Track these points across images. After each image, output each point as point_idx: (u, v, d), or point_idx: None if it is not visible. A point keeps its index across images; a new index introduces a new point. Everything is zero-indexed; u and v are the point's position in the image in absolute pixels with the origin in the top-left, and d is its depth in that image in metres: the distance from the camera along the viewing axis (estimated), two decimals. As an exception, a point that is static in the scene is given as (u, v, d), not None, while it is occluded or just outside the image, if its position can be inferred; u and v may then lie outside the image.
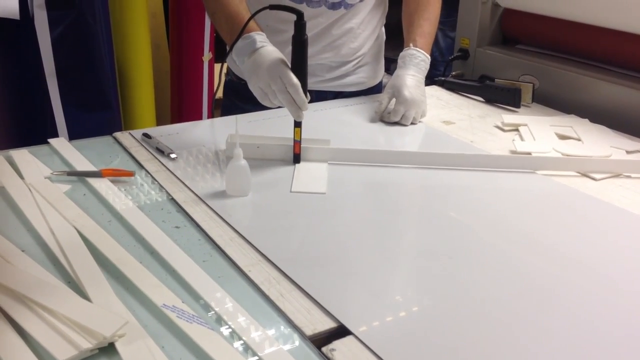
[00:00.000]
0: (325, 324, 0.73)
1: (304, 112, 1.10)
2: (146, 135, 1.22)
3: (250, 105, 1.32)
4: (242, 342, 0.69)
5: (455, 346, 0.71)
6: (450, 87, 1.64)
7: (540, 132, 1.32)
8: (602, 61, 1.55)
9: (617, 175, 1.16)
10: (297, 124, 1.12)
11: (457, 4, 1.79)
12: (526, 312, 0.77)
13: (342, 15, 1.40)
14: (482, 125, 1.41)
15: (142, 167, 1.11)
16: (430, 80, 1.56)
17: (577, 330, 0.75)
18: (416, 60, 1.38)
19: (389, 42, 1.61)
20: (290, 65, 1.09)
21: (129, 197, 1.00)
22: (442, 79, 1.67)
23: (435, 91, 1.63)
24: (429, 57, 1.40)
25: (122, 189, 1.03)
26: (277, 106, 1.14)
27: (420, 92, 1.36)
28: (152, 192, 1.03)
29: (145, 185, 1.05)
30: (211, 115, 1.46)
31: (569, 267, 0.87)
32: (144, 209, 0.97)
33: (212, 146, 1.20)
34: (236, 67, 1.48)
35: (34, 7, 1.87)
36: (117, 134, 1.24)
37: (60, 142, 1.18)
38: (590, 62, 1.57)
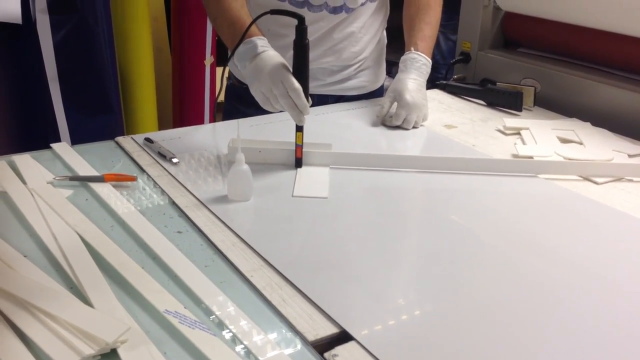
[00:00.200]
0: (327, 330, 0.73)
1: (305, 116, 1.10)
2: (148, 139, 1.22)
3: (252, 109, 1.32)
4: (243, 346, 0.69)
5: (458, 351, 0.71)
6: (451, 90, 1.64)
7: (542, 136, 1.32)
8: (604, 64, 1.55)
9: (619, 179, 1.16)
10: (299, 129, 1.12)
11: (459, 7, 1.79)
12: (529, 316, 0.77)
13: (343, 19, 1.40)
14: (484, 128, 1.41)
15: (144, 171, 1.12)
16: (431, 83, 1.56)
17: (579, 333, 0.74)
18: (417, 64, 1.38)
19: (390, 45, 1.62)
20: (291, 69, 1.09)
21: (131, 201, 1.00)
22: (444, 82, 1.67)
23: (437, 95, 1.63)
24: (430, 61, 1.40)
25: (124, 193, 1.03)
26: (279, 111, 1.14)
27: (421, 96, 1.36)
28: (154, 197, 1.03)
29: (147, 189, 1.05)
30: (213, 118, 1.46)
31: (571, 271, 0.87)
32: (146, 213, 0.97)
33: (214, 150, 1.20)
34: (238, 72, 1.48)
35: (36, 12, 1.87)
36: (119, 139, 1.25)
37: (62, 147, 1.18)
38: (592, 65, 1.57)
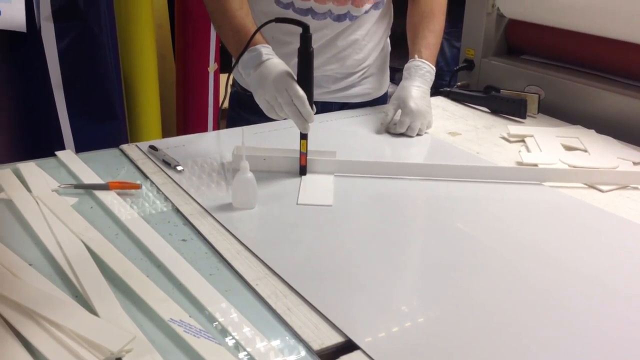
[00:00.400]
0: (332, 339, 0.73)
1: (310, 124, 1.10)
2: (152, 147, 1.22)
3: (255, 116, 1.32)
4: (246, 353, 0.69)
5: (463, 358, 0.71)
6: (455, 97, 1.64)
7: (546, 143, 1.32)
8: (608, 71, 1.55)
9: (624, 186, 1.16)
10: (303, 136, 1.12)
11: (463, 14, 1.80)
12: (534, 323, 0.77)
13: (347, 26, 1.41)
14: (488, 136, 1.40)
15: (148, 179, 1.12)
16: (435, 90, 1.56)
17: (585, 341, 0.74)
18: (421, 71, 1.38)
19: (394, 52, 1.62)
20: (296, 77, 1.10)
21: (136, 209, 1.00)
22: (448, 89, 1.67)
23: (440, 102, 1.63)
24: (434, 69, 1.40)
25: (128, 201, 1.03)
26: (283, 118, 1.14)
27: (425, 103, 1.36)
28: (159, 205, 1.03)
29: (151, 197, 1.06)
30: (217, 125, 1.47)
31: (576, 279, 0.87)
32: (150, 221, 0.97)
33: (218, 158, 1.21)
34: (242, 79, 1.48)
35: (41, 19, 1.88)
36: (124, 146, 1.25)
37: (67, 155, 1.18)
38: (596, 72, 1.57)
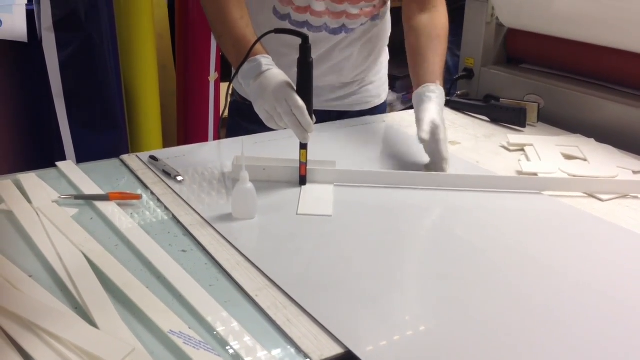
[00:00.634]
0: (332, 350, 0.72)
1: (309, 134, 1.10)
2: (153, 157, 1.22)
3: (254, 125, 1.32)
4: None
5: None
6: (455, 106, 1.64)
7: (546, 152, 1.32)
8: (608, 81, 1.55)
9: (624, 196, 1.16)
10: (303, 146, 1.12)
11: (462, 23, 1.80)
12: (534, 333, 0.77)
13: (343, 39, 1.41)
14: (488, 145, 1.41)
15: (148, 189, 1.12)
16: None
17: (585, 351, 0.74)
18: (442, 98, 1.27)
19: (393, 60, 1.62)
20: (295, 87, 1.10)
21: (136, 220, 1.01)
22: (447, 98, 1.67)
23: (440, 111, 1.63)
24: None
25: (129, 212, 1.03)
26: (282, 128, 1.14)
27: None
28: (159, 215, 1.03)
29: (151, 208, 1.06)
30: (218, 135, 1.47)
31: (577, 289, 0.87)
32: (150, 232, 0.97)
33: (218, 168, 1.21)
34: (241, 88, 1.49)
35: (42, 30, 1.89)
36: (124, 157, 1.25)
37: (67, 165, 1.18)
38: (595, 81, 1.57)
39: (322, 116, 1.48)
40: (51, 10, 1.87)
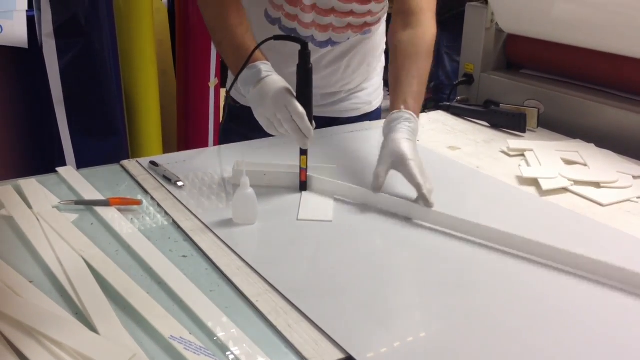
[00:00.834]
0: (333, 356, 0.72)
1: (309, 140, 1.10)
2: (153, 163, 1.22)
3: (244, 128, 1.34)
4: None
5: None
6: (455, 112, 1.64)
7: (546, 157, 1.32)
8: (608, 86, 1.55)
9: (625, 200, 1.16)
10: (303, 152, 1.12)
11: (462, 29, 1.81)
12: (535, 338, 0.77)
13: (329, 51, 1.40)
14: (488, 150, 1.41)
15: (149, 195, 1.12)
16: (435, 104, 1.56)
17: (587, 356, 0.74)
18: (410, 124, 1.16)
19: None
20: (295, 94, 1.10)
21: (137, 225, 1.01)
22: (447, 104, 1.67)
23: (440, 116, 1.63)
24: (418, 122, 1.19)
25: (129, 217, 1.03)
26: (282, 135, 1.14)
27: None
28: (159, 221, 1.03)
29: (152, 213, 1.06)
30: (218, 140, 1.48)
31: (577, 294, 0.87)
32: (151, 237, 0.97)
33: (219, 173, 1.21)
34: (235, 92, 1.47)
35: (43, 36, 1.90)
36: (125, 162, 1.25)
37: (68, 171, 1.18)
38: (595, 86, 1.57)
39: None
40: (51, 16, 1.88)
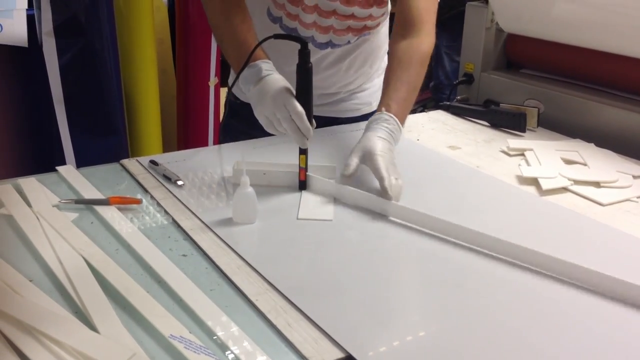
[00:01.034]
0: (333, 354, 0.72)
1: (309, 139, 1.10)
2: (153, 162, 1.22)
3: (243, 124, 1.34)
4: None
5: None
6: (455, 111, 1.64)
7: (546, 157, 1.32)
8: (607, 85, 1.55)
9: (625, 200, 1.16)
10: (302, 151, 1.12)
11: (462, 29, 1.81)
12: (534, 338, 0.77)
13: (329, 53, 1.40)
14: (488, 149, 1.41)
15: (149, 194, 1.12)
16: (435, 104, 1.56)
17: (586, 356, 0.74)
18: (388, 125, 1.18)
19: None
20: (295, 93, 1.10)
21: (136, 224, 1.01)
22: (448, 103, 1.67)
23: (440, 116, 1.63)
24: (401, 128, 1.21)
25: (129, 216, 1.03)
26: (282, 134, 1.14)
27: (391, 159, 1.15)
28: (159, 220, 1.03)
29: (152, 212, 1.06)
30: (218, 139, 1.48)
31: (577, 294, 0.87)
32: (151, 236, 0.97)
33: (219, 172, 1.21)
34: (235, 88, 1.47)
35: (43, 35, 1.90)
36: (125, 161, 1.25)
37: (68, 170, 1.18)
38: (595, 86, 1.57)
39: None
40: (51, 15, 1.88)
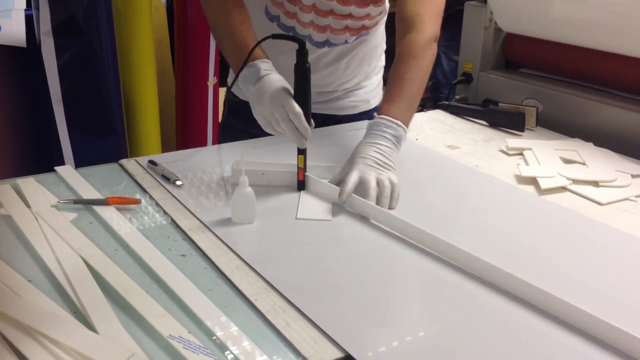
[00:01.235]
0: (332, 354, 0.72)
1: (307, 139, 1.10)
2: (152, 162, 1.22)
3: (241, 122, 1.34)
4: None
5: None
6: (454, 111, 1.65)
7: (544, 156, 1.32)
8: (606, 85, 1.55)
9: (624, 199, 1.16)
10: (301, 151, 1.12)
11: (461, 27, 1.81)
12: (534, 337, 0.77)
13: (327, 52, 1.40)
14: (487, 149, 1.41)
15: (147, 194, 1.12)
16: (434, 103, 1.56)
17: (585, 355, 0.74)
18: (388, 129, 1.17)
19: (389, 66, 1.61)
20: (293, 93, 1.10)
21: (135, 224, 1.01)
22: (446, 103, 1.68)
23: (439, 115, 1.64)
24: (405, 129, 1.20)
25: (128, 216, 1.03)
26: (280, 134, 1.14)
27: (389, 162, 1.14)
28: (158, 220, 1.03)
29: (150, 212, 1.06)
30: (216, 139, 1.48)
31: (577, 293, 0.87)
32: (149, 236, 0.97)
33: (218, 172, 1.21)
34: (235, 86, 1.47)
35: (41, 35, 1.90)
36: (123, 161, 1.25)
37: (66, 170, 1.18)
38: (593, 85, 1.58)
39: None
40: (50, 15, 1.88)
